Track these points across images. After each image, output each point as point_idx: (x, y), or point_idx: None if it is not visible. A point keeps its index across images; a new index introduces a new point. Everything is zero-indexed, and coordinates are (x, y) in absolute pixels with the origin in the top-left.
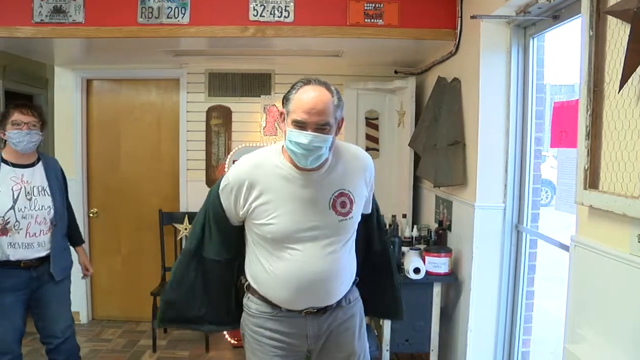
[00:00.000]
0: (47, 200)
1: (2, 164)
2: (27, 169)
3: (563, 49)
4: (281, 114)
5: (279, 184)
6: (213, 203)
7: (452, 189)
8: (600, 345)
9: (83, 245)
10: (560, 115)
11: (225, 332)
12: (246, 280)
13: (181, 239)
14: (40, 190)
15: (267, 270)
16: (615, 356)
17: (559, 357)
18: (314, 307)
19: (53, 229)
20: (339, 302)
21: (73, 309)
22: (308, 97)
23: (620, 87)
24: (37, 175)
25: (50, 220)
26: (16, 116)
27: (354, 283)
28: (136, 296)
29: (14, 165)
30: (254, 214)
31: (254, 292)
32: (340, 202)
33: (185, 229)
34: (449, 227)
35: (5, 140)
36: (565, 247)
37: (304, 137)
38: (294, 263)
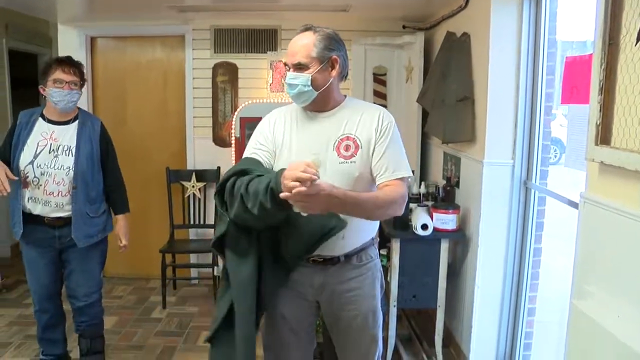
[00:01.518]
0: (69, 161)
1: (40, 118)
2: (61, 126)
3: (576, 2)
4: None
5: (293, 122)
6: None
7: (461, 145)
8: (607, 301)
9: (126, 215)
10: (572, 70)
11: None
12: None
13: (188, 196)
14: (65, 149)
15: None
16: (624, 312)
17: (565, 313)
18: (320, 256)
19: (73, 191)
20: (348, 258)
21: None
22: (290, 42)
23: (638, 39)
24: (68, 134)
25: (70, 181)
26: (58, 74)
27: (372, 244)
28: (145, 254)
29: (50, 122)
30: (278, 144)
31: None
32: (345, 146)
33: (193, 186)
34: (457, 184)
35: (45, 97)
36: (574, 205)
37: (287, 76)
38: None
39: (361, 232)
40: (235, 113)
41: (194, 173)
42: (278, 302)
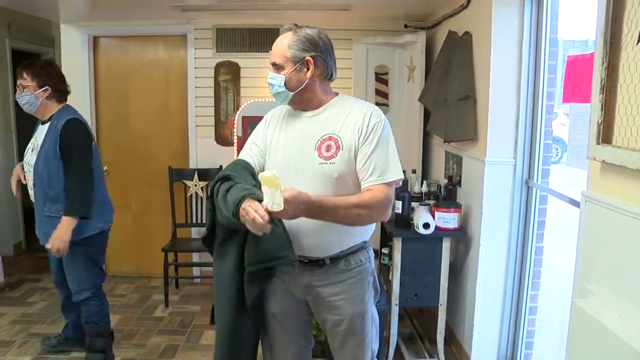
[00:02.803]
0: (33, 160)
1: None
2: (42, 126)
3: (578, 2)
4: None
5: (282, 122)
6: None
7: (462, 144)
8: (609, 300)
9: (68, 218)
10: (574, 69)
11: None
12: None
13: (191, 195)
14: (36, 148)
15: None
16: (625, 310)
17: (566, 311)
18: (304, 257)
19: (34, 189)
20: (334, 262)
21: None
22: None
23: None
24: (42, 134)
25: (32, 179)
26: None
27: (363, 247)
28: (148, 252)
29: (41, 122)
30: (270, 142)
31: None
32: (326, 146)
33: (195, 185)
34: (459, 183)
35: None
36: (576, 203)
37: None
38: None
39: (346, 235)
40: (238, 112)
41: (196, 172)
42: (269, 300)
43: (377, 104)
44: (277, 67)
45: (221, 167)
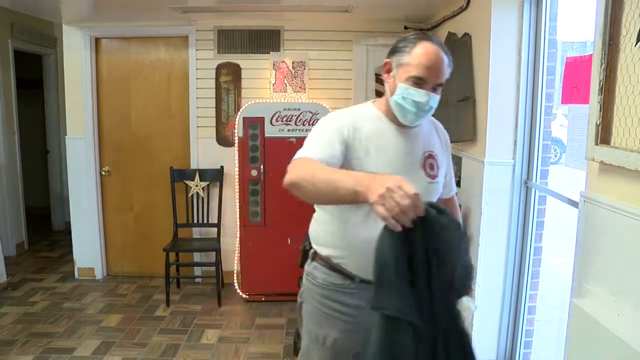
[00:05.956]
0: None
1: None
2: None
3: (576, 3)
4: (386, 64)
5: (379, 132)
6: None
7: (462, 145)
8: (607, 300)
9: None
10: (573, 70)
11: (236, 287)
12: (311, 247)
13: (192, 195)
14: None
15: (350, 232)
16: (623, 310)
17: (564, 311)
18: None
19: None
20: None
21: (88, 264)
22: (430, 54)
23: (638, 40)
24: None
25: None
26: None
27: None
28: (149, 252)
29: None
30: (355, 158)
31: (323, 261)
32: (429, 164)
33: (196, 185)
34: (458, 183)
35: None
36: (574, 204)
37: (424, 95)
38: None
39: None
40: (239, 113)
41: (197, 172)
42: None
43: None
44: (439, 86)
45: (222, 167)
